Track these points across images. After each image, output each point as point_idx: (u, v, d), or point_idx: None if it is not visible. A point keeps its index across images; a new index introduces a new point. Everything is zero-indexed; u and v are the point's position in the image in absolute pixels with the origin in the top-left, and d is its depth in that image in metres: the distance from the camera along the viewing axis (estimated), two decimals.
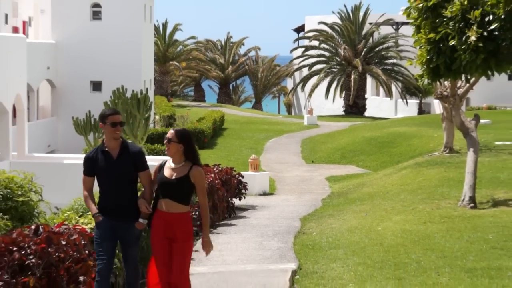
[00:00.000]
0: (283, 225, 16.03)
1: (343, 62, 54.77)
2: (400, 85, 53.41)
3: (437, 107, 48.56)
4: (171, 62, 62.59)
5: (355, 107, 54.83)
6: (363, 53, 54.67)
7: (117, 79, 37.04)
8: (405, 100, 53.49)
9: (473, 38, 6.25)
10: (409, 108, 54.18)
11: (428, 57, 6.17)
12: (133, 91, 29.07)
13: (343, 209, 18.16)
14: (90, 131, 26.59)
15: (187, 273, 7.74)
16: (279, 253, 12.42)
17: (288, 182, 26.22)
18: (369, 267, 10.88)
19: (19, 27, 40.45)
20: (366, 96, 55.90)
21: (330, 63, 55.50)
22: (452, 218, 14.61)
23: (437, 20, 6.68)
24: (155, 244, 7.67)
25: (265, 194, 23.36)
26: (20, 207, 11.17)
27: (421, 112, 53.39)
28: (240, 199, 19.51)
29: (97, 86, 40.79)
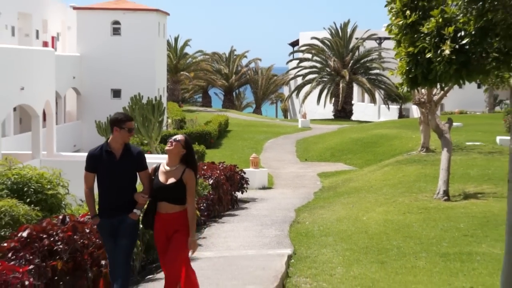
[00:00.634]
0: (280, 215, 16.00)
1: (333, 72, 54.74)
2: (382, 92, 53.41)
3: (415, 111, 48.49)
4: (182, 72, 62.58)
5: (343, 112, 54.82)
6: (350, 64, 54.63)
7: (134, 87, 37.08)
8: (387, 105, 53.44)
9: (447, 51, 6.23)
10: (391, 112, 54.14)
11: (407, 68, 6.19)
12: (148, 98, 29.11)
13: (332, 201, 18.14)
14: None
15: (180, 264, 7.12)
16: (277, 240, 12.40)
17: (284, 177, 26.18)
18: (356, 252, 10.88)
19: (49, 42, 40.48)
20: (353, 102, 55.89)
21: (321, 73, 55.48)
22: (428, 209, 14.61)
23: (415, 35, 6.64)
24: (159, 245, 7.31)
25: (264, 188, 23.33)
26: (49, 199, 11.18)
27: (401, 116, 53.34)
28: (242, 193, 19.51)
29: (116, 93, 40.81)
